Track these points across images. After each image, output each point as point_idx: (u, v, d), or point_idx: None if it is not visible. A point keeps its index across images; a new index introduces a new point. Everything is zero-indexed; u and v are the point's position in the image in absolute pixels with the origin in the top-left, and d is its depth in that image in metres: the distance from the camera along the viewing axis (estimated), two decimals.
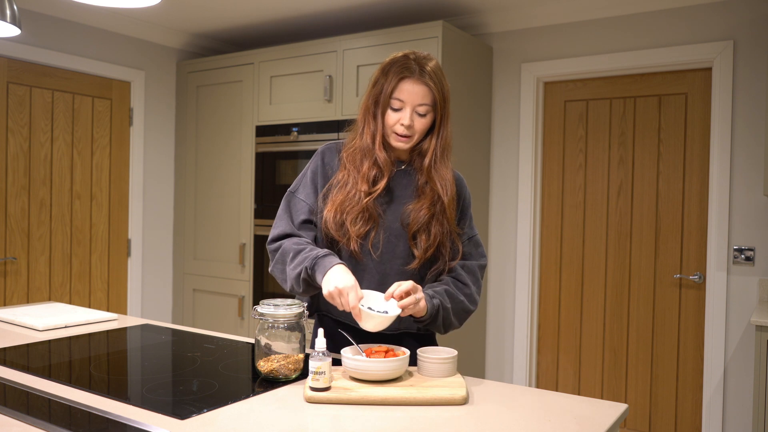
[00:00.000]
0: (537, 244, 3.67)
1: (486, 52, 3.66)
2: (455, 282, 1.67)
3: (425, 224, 1.62)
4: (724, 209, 3.11)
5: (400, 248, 1.64)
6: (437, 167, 1.64)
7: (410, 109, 1.59)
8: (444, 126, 1.65)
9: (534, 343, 3.68)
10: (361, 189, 1.60)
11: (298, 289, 1.59)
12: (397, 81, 1.58)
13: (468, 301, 1.67)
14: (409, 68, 1.58)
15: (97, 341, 1.86)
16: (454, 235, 1.67)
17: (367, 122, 1.64)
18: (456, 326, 1.67)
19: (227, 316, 4.06)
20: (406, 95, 1.58)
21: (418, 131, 1.62)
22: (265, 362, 1.47)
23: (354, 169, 1.63)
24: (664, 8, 3.24)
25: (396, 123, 1.60)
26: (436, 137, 1.64)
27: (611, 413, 1.30)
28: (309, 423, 1.21)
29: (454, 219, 1.67)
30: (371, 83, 1.65)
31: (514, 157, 3.67)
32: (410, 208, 1.63)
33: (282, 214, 1.71)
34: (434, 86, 1.59)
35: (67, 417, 1.20)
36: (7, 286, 3.52)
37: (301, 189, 1.72)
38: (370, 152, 1.62)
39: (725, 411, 3.13)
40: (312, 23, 3.94)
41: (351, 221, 1.59)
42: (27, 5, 3.49)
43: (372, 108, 1.63)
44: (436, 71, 1.61)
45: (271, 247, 1.69)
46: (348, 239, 1.60)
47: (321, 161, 1.71)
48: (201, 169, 4.20)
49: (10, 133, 3.51)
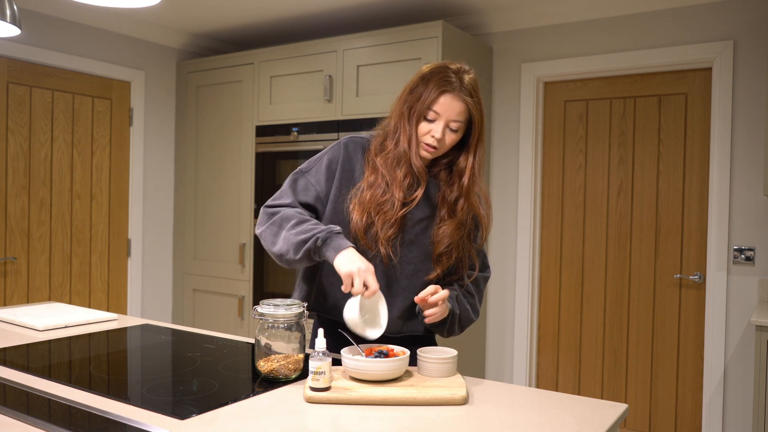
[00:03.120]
0: (537, 244, 3.67)
1: (486, 52, 3.66)
2: (463, 292, 1.70)
3: (452, 245, 1.63)
4: (724, 209, 3.11)
5: (414, 255, 1.64)
6: (477, 186, 1.64)
7: (443, 123, 1.57)
8: (480, 144, 1.64)
9: (534, 343, 3.68)
10: (396, 197, 1.58)
11: (294, 256, 1.54)
12: (438, 94, 1.56)
13: (472, 311, 1.71)
14: (451, 82, 1.56)
15: (97, 341, 1.86)
16: (471, 249, 1.69)
17: (403, 128, 1.61)
18: (457, 333, 1.70)
19: (227, 316, 4.06)
20: (443, 109, 1.56)
21: (446, 145, 1.61)
22: (265, 362, 1.47)
23: (388, 174, 1.60)
24: (664, 8, 3.24)
25: (427, 134, 1.58)
26: (473, 155, 1.63)
27: (611, 413, 1.30)
28: (309, 423, 1.21)
29: (473, 237, 1.69)
30: (407, 90, 1.62)
31: (514, 157, 3.67)
32: (441, 230, 1.62)
33: (287, 188, 1.67)
34: (472, 103, 1.58)
35: (67, 417, 1.20)
36: (7, 286, 3.52)
37: (313, 172, 1.68)
38: (406, 160, 1.60)
39: (725, 411, 3.13)
40: (312, 23, 3.94)
41: (381, 226, 1.58)
42: (27, 5, 3.49)
43: (407, 114, 1.61)
44: (474, 86, 1.60)
45: (267, 210, 1.64)
46: (377, 243, 1.59)
47: (344, 152, 1.67)
48: (201, 169, 4.20)
49: (10, 133, 3.51)
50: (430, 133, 1.58)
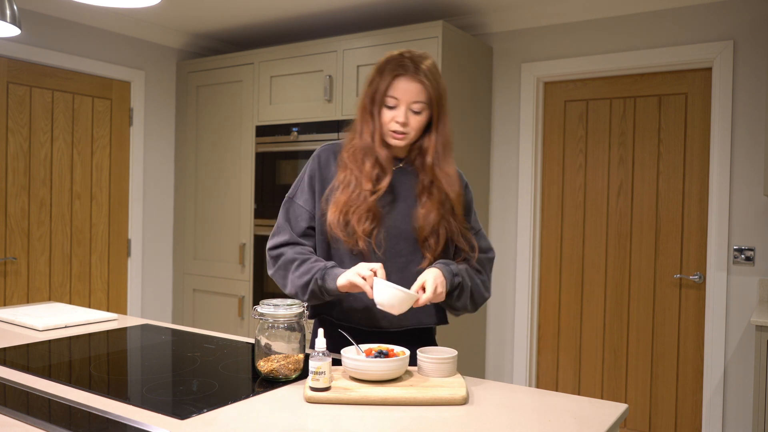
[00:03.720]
0: (537, 244, 3.67)
1: (486, 52, 3.66)
2: (473, 268, 1.70)
3: (435, 226, 1.63)
4: (724, 209, 3.11)
5: (401, 247, 1.65)
6: (441, 165, 1.65)
7: (405, 107, 1.59)
8: (442, 123, 1.65)
9: (534, 343, 3.68)
10: (365, 188, 1.61)
11: (302, 297, 1.61)
12: (392, 78, 1.59)
13: (483, 287, 1.71)
14: (404, 66, 1.59)
15: (97, 341, 1.86)
16: (464, 230, 1.68)
17: (365, 121, 1.65)
18: (470, 310, 1.68)
19: (227, 316, 4.06)
20: (401, 93, 1.59)
21: (413, 129, 1.62)
22: (265, 362, 1.47)
23: (356, 169, 1.63)
24: (664, 8, 3.24)
25: (391, 120, 1.61)
26: (435, 134, 1.65)
27: (611, 413, 1.30)
28: (309, 423, 1.21)
29: (462, 215, 1.69)
30: (367, 82, 1.66)
31: (514, 157, 3.67)
32: (421, 213, 1.64)
33: (282, 222, 1.72)
34: (429, 84, 1.59)
35: (67, 417, 1.20)
36: (7, 286, 3.52)
37: (299, 194, 1.72)
38: (371, 150, 1.63)
39: (725, 411, 3.13)
40: (312, 23, 3.94)
41: (357, 220, 1.60)
42: (27, 5, 3.49)
43: (369, 106, 1.64)
44: (431, 69, 1.61)
45: (271, 253, 1.70)
46: (355, 239, 1.60)
47: (317, 164, 1.72)
48: (201, 169, 4.20)
49: (10, 133, 3.51)
50: (394, 119, 1.60)
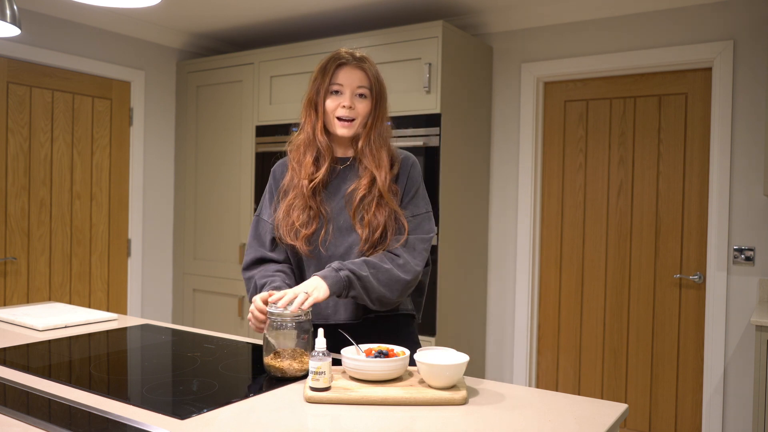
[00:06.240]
0: (537, 244, 3.67)
1: (486, 52, 3.66)
2: (386, 254, 1.64)
3: (367, 204, 1.65)
4: (724, 209, 3.11)
5: (349, 241, 1.67)
6: (371, 148, 1.68)
7: (350, 92, 1.67)
8: (379, 108, 1.71)
9: (534, 343, 3.68)
10: (303, 180, 1.67)
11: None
12: (336, 68, 1.68)
13: (399, 270, 1.61)
14: (344, 58, 1.69)
15: (97, 341, 1.86)
16: (398, 214, 1.68)
17: (309, 116, 1.71)
18: (388, 297, 1.61)
19: (227, 316, 4.06)
20: (344, 79, 1.67)
21: (360, 114, 1.68)
22: (273, 360, 1.47)
23: (297, 165, 1.70)
24: (664, 8, 3.24)
25: (337, 107, 1.67)
26: (372, 119, 1.70)
27: (611, 413, 1.30)
28: (309, 423, 1.21)
29: (391, 198, 1.67)
30: (311, 81, 1.73)
31: (514, 157, 3.67)
32: (351, 188, 1.68)
33: (251, 239, 1.79)
34: (369, 70, 1.69)
35: (67, 417, 1.20)
36: (7, 286, 3.52)
37: (263, 210, 1.79)
38: (312, 142, 1.69)
39: (725, 411, 3.13)
40: (312, 23, 3.94)
41: (297, 217, 1.65)
42: (27, 5, 3.49)
43: (314, 99, 1.70)
44: (369, 59, 1.73)
45: (245, 276, 1.76)
46: (301, 241, 1.65)
47: (273, 178, 1.79)
48: (201, 169, 4.20)
49: (10, 133, 3.51)
50: (340, 105, 1.67)
